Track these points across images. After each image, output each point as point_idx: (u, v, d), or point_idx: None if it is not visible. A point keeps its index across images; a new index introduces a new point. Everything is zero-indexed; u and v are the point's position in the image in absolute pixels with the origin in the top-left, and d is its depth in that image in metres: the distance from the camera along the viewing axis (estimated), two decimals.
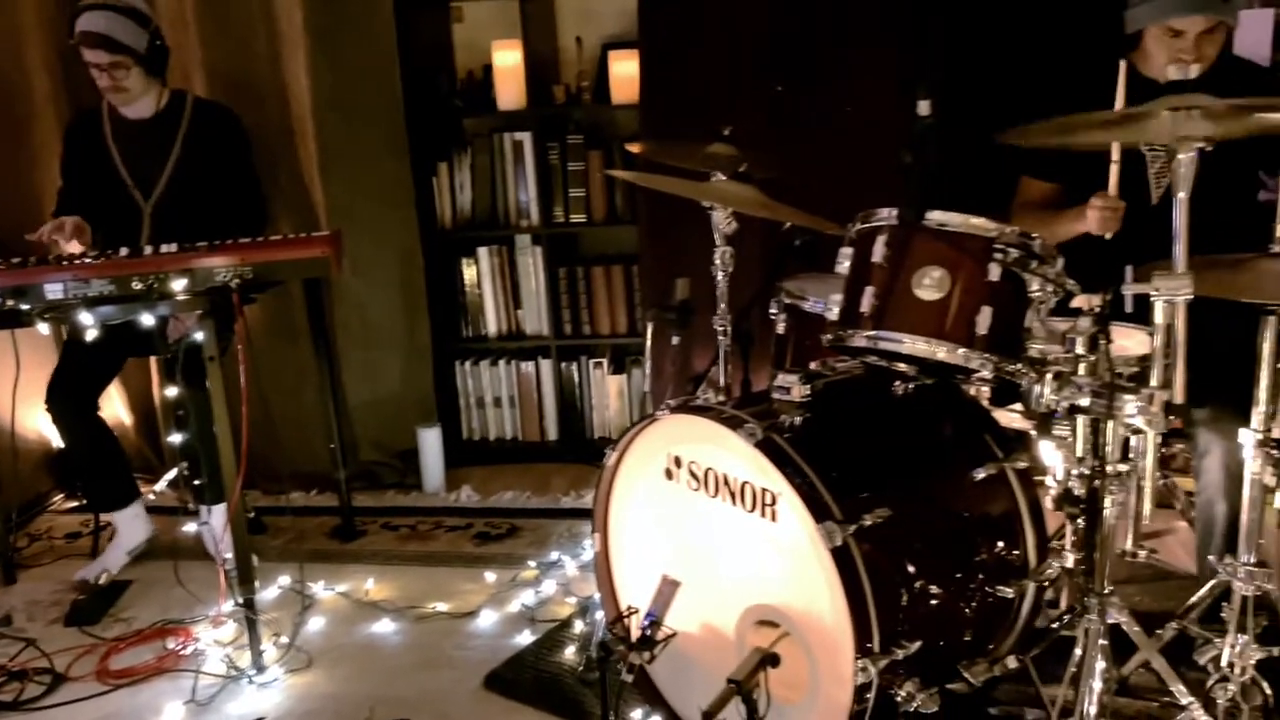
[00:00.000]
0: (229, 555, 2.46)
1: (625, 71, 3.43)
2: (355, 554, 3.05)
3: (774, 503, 1.77)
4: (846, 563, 1.65)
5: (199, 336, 2.35)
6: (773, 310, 2.54)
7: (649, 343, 3.05)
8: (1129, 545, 2.68)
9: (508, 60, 3.48)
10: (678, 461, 1.95)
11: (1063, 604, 2.28)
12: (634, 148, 2.79)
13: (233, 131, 2.98)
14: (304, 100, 3.29)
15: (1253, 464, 1.81)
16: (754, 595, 1.85)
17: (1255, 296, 1.66)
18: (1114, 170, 2.11)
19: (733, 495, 1.85)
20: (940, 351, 1.74)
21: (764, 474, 1.77)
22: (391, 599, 2.73)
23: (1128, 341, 2.08)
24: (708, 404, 1.93)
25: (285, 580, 2.82)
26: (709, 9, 3.19)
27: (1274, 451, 1.70)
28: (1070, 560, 1.96)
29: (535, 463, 3.67)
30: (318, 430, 3.18)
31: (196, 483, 2.75)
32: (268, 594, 2.77)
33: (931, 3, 3.08)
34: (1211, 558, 2.01)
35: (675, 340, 2.78)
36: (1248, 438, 1.81)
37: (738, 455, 1.81)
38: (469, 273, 3.66)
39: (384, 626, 2.60)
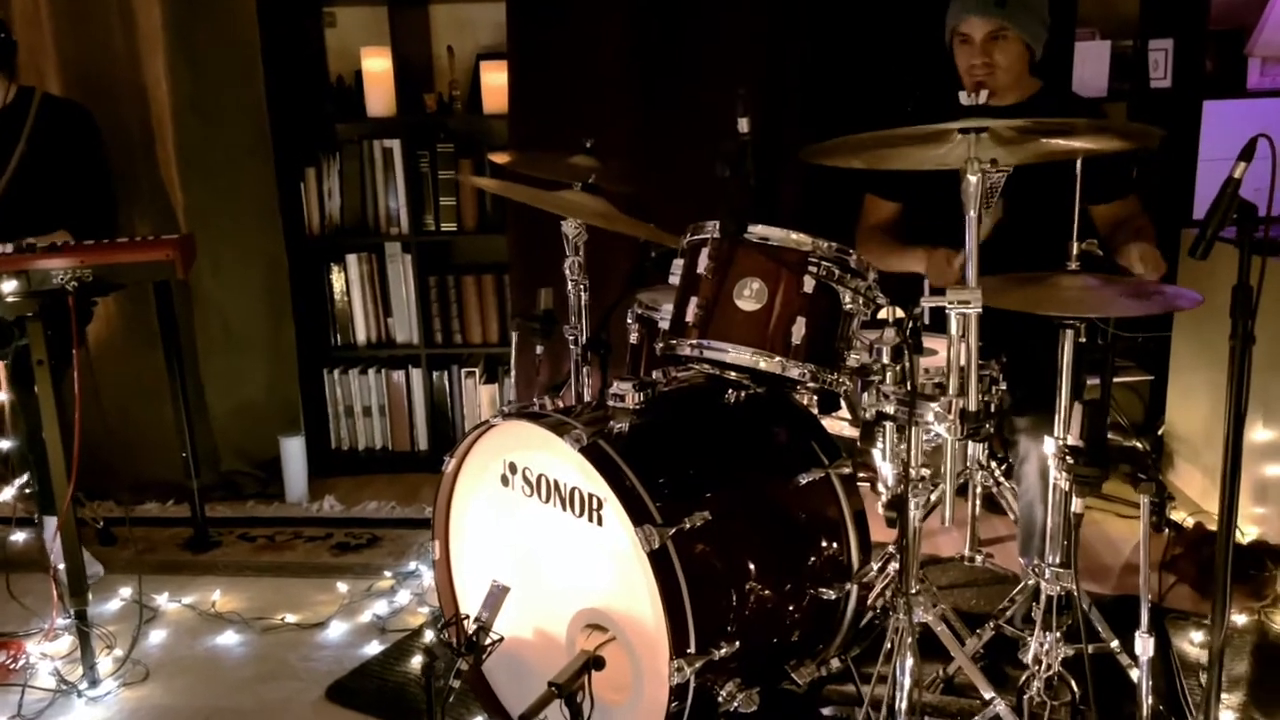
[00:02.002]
0: (61, 566, 2.39)
1: (498, 82, 3.44)
2: (207, 565, 2.98)
3: (600, 508, 1.80)
4: (664, 565, 1.69)
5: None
6: (628, 320, 2.58)
7: (514, 352, 3.08)
8: (967, 550, 2.80)
9: (377, 67, 3.46)
10: (512, 468, 1.97)
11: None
12: (498, 158, 2.80)
13: (83, 128, 2.90)
14: (163, 101, 3.23)
15: (1054, 470, 1.92)
16: (583, 599, 1.88)
17: (1053, 309, 1.76)
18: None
19: (563, 501, 1.87)
20: (761, 361, 1.80)
21: (589, 479, 1.80)
22: (239, 610, 2.67)
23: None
24: (541, 410, 1.95)
25: (128, 592, 2.74)
26: (575, 22, 3.22)
27: (1069, 458, 1.80)
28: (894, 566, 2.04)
29: (405, 472, 3.64)
30: (177, 438, 3.10)
31: (28, 491, 2.66)
32: (109, 606, 2.70)
33: (776, 29, 3.17)
34: (1022, 560, 2.11)
35: (539, 350, 2.82)
36: (1050, 445, 1.91)
37: (566, 461, 1.84)
38: (338, 280, 3.61)
39: (228, 638, 2.55)
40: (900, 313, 1.70)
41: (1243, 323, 1.70)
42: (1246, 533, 2.85)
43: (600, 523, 1.81)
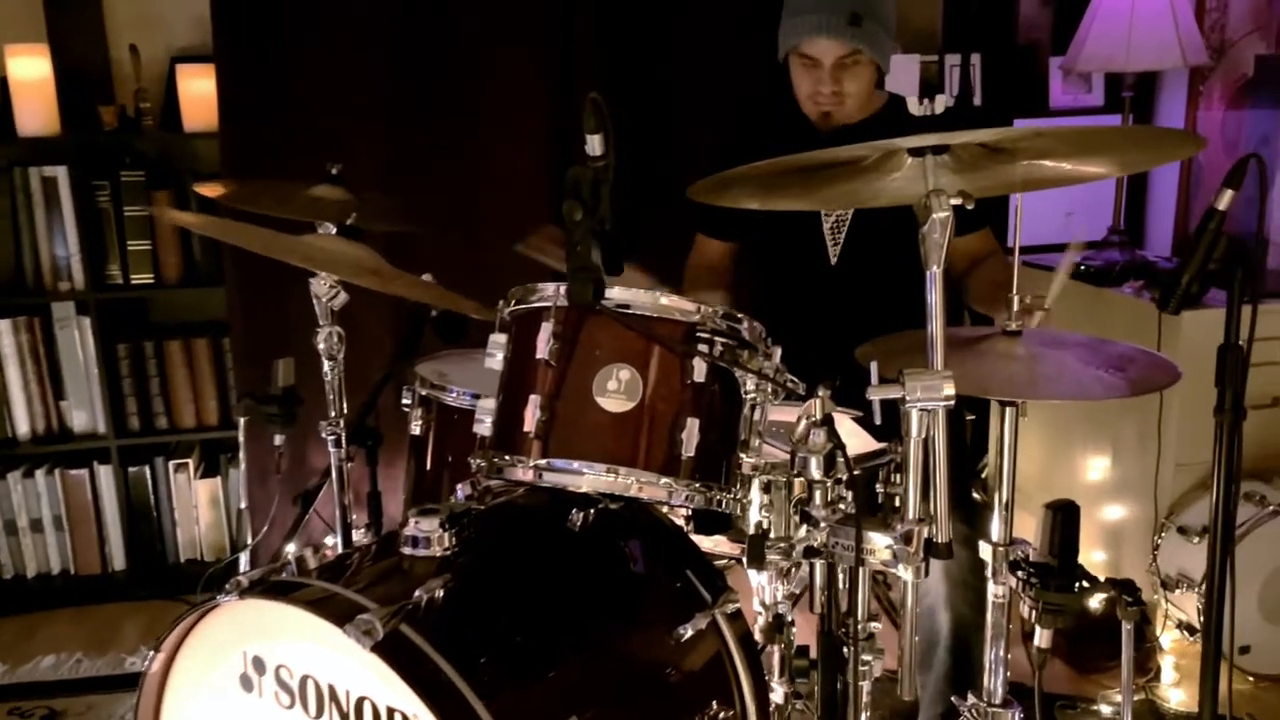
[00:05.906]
0: None
1: (201, 91, 2.73)
2: None
3: None
4: None
5: None
6: (405, 402, 1.96)
7: (243, 442, 2.40)
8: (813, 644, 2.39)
9: (30, 71, 2.65)
10: (259, 665, 1.29)
11: None
12: (207, 190, 2.17)
13: None
14: None
15: (994, 584, 1.51)
16: None
17: (1004, 392, 1.34)
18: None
19: (344, 717, 1.23)
20: (633, 483, 1.25)
21: (389, 686, 1.17)
22: None
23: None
24: (300, 575, 1.29)
25: None
26: (309, 19, 2.57)
27: (1034, 579, 1.38)
28: (780, 694, 1.57)
29: (95, 603, 2.81)
30: None
31: None
32: None
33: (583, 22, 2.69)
34: (920, 675, 1.70)
35: (279, 440, 2.16)
36: (988, 553, 1.51)
37: (349, 657, 1.19)
38: None
39: None
40: (832, 405, 1.20)
41: (1233, 391, 1.36)
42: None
43: None
